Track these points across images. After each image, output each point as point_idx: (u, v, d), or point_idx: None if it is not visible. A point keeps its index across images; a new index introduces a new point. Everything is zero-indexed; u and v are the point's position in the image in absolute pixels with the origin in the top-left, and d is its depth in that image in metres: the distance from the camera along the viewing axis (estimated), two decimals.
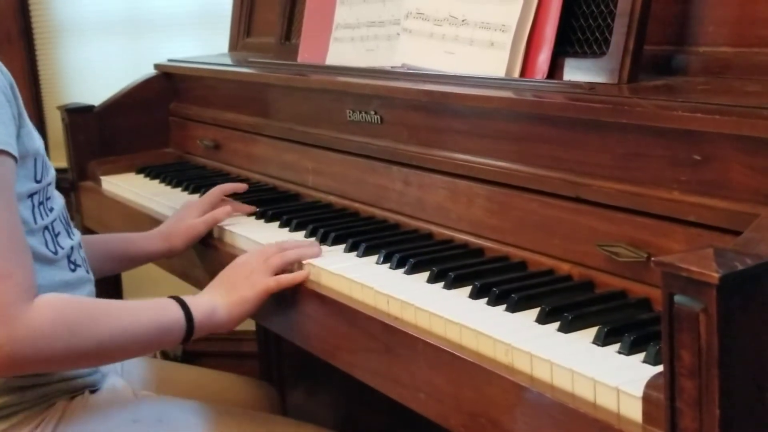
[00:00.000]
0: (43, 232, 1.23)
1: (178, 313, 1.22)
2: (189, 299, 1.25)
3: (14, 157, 1.13)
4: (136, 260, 1.55)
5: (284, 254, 1.31)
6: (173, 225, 1.54)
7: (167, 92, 2.15)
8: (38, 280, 1.14)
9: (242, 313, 1.28)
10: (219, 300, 1.27)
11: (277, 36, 1.94)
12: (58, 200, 1.30)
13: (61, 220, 1.29)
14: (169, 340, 1.23)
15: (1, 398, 1.20)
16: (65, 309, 1.12)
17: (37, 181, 1.22)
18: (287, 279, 1.28)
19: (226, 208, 1.54)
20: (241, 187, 1.62)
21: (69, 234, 1.30)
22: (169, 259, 1.59)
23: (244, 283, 1.28)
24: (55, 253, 1.24)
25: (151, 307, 1.22)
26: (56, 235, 1.26)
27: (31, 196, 1.21)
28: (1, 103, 1.13)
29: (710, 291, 0.73)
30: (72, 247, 1.29)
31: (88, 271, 1.33)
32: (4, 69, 1.18)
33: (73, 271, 1.28)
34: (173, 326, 1.22)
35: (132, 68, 2.34)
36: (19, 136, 1.16)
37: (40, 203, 1.23)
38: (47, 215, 1.24)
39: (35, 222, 1.21)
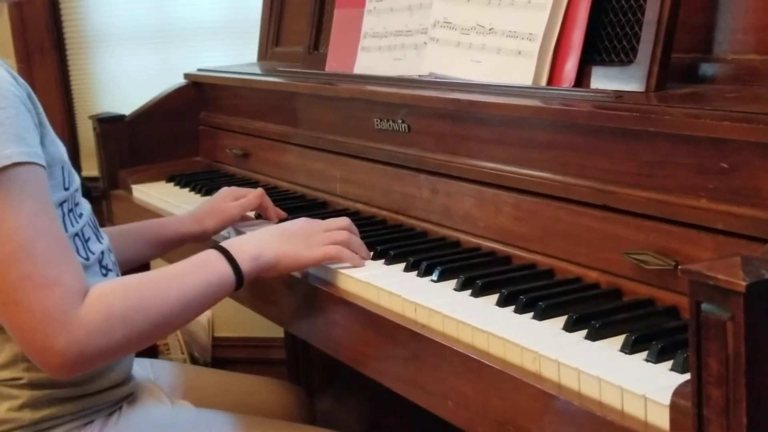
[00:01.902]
0: (74, 239, 1.24)
1: (224, 267, 1.21)
2: (233, 246, 1.23)
3: (43, 166, 1.14)
4: (168, 243, 1.55)
5: (351, 237, 1.32)
6: (206, 207, 1.55)
7: (197, 101, 2.17)
8: None
9: (289, 267, 1.27)
10: (268, 245, 1.25)
11: (305, 45, 1.95)
12: (85, 206, 1.31)
13: (90, 225, 1.30)
14: (221, 295, 1.22)
15: (44, 411, 1.21)
16: (114, 300, 1.12)
17: (66, 189, 1.23)
18: (348, 255, 1.29)
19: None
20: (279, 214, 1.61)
21: (98, 238, 1.31)
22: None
23: (302, 242, 1.27)
24: (87, 258, 1.25)
25: (195, 267, 1.20)
26: (86, 241, 1.27)
27: (61, 204, 1.22)
28: (23, 113, 1.13)
29: (737, 299, 0.73)
30: (102, 252, 1.30)
31: (117, 274, 1.34)
32: (21, 80, 1.18)
33: (105, 275, 1.29)
34: (222, 281, 1.20)
35: (162, 78, 2.36)
36: (43, 144, 1.17)
37: (70, 210, 1.24)
38: (77, 221, 1.25)
39: (66, 230, 1.22)
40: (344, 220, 1.35)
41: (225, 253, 1.22)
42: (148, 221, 1.59)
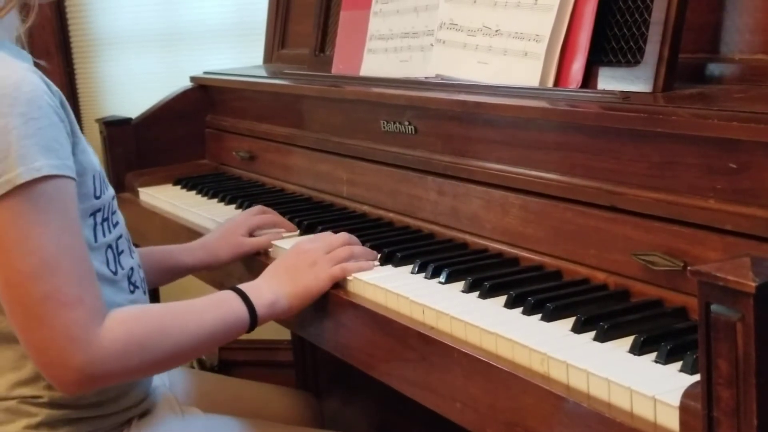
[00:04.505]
0: (105, 251, 1.23)
1: (240, 308, 1.22)
2: (251, 290, 1.25)
3: (73, 179, 1.12)
4: (176, 272, 1.55)
5: (353, 248, 1.32)
6: (219, 237, 1.54)
7: (203, 104, 2.17)
8: None
9: (303, 305, 1.28)
10: (281, 290, 1.27)
11: (311, 48, 1.95)
12: (121, 218, 1.30)
13: (125, 238, 1.29)
14: (233, 334, 1.23)
15: (60, 430, 1.20)
16: (135, 326, 1.13)
17: (96, 197, 1.21)
18: (354, 267, 1.29)
19: (278, 233, 1.54)
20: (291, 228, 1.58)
21: (131, 253, 1.30)
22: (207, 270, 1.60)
23: (308, 273, 1.28)
24: (115, 273, 1.24)
25: (213, 305, 1.22)
26: (119, 254, 1.25)
27: (93, 214, 1.21)
28: (55, 123, 1.11)
29: (747, 300, 0.73)
30: (132, 268, 1.29)
31: (145, 292, 1.33)
32: (54, 87, 1.16)
33: (132, 292, 1.27)
34: (237, 321, 1.22)
35: (168, 81, 2.36)
36: (74, 154, 1.15)
37: (104, 220, 1.23)
38: (110, 232, 1.24)
39: (96, 240, 1.20)
40: (343, 236, 1.35)
41: (243, 295, 1.24)
42: (158, 247, 1.58)
